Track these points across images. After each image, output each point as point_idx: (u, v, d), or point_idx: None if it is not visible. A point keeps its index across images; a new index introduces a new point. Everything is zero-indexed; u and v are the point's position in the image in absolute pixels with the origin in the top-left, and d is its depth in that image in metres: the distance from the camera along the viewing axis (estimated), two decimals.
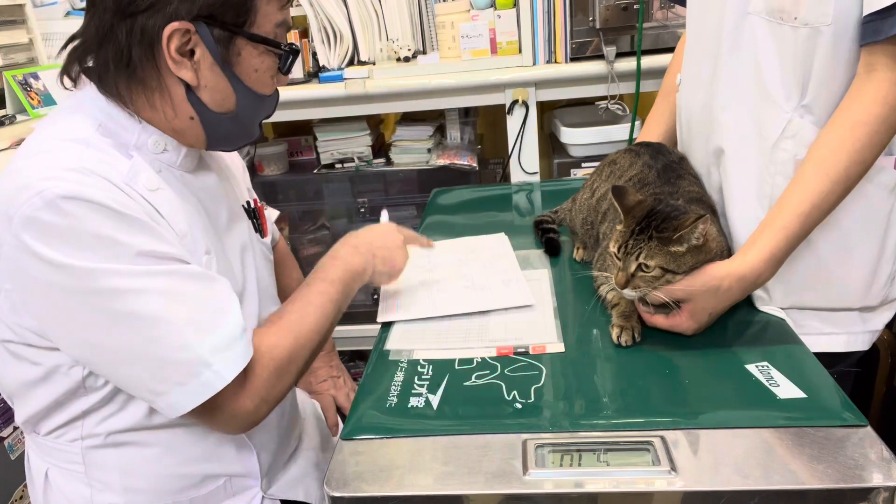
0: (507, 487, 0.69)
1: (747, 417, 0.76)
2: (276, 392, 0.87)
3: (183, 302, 0.78)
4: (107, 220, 0.75)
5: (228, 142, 0.95)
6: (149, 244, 0.78)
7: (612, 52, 1.88)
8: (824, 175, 0.88)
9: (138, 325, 0.76)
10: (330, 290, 0.95)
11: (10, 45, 2.07)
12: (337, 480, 0.72)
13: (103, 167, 0.79)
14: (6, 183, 0.77)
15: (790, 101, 0.94)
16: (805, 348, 0.89)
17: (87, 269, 0.74)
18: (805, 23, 0.89)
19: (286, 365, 0.87)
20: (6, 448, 1.50)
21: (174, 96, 0.85)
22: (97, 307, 0.76)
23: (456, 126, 2.27)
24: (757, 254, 0.90)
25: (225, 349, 0.79)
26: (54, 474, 0.93)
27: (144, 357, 0.78)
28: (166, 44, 0.80)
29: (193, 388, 0.78)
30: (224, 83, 0.86)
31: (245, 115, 0.90)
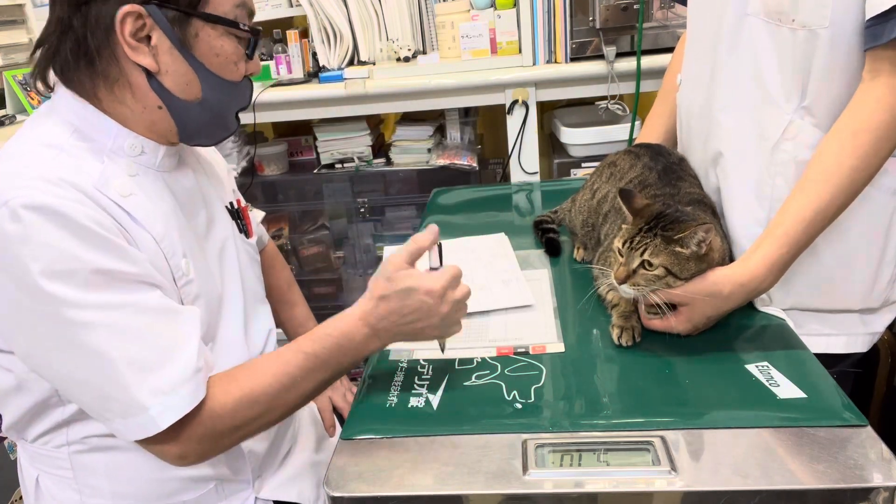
0: (507, 487, 0.69)
1: (747, 417, 0.76)
2: (217, 449, 0.83)
3: (130, 339, 0.76)
4: (67, 232, 0.73)
5: (204, 135, 0.93)
6: (108, 262, 0.75)
7: (612, 52, 1.88)
8: (827, 182, 0.87)
9: (83, 356, 0.75)
10: (318, 369, 0.84)
11: (10, 45, 2.08)
12: (336, 480, 0.72)
13: (74, 174, 0.78)
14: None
15: (790, 102, 0.94)
16: (805, 348, 0.89)
17: (40, 290, 0.72)
18: (803, 25, 0.89)
19: (228, 431, 0.82)
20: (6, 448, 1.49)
21: (138, 85, 0.84)
22: (47, 329, 0.75)
23: (456, 126, 2.27)
24: (759, 261, 0.89)
25: (167, 393, 0.76)
26: (45, 481, 0.93)
27: (89, 386, 0.77)
28: (120, 29, 0.79)
29: (131, 425, 0.77)
30: (185, 67, 0.84)
31: (214, 102, 0.88)
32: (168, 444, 0.79)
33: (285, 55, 2.21)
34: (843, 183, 0.87)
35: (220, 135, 0.95)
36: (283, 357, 0.84)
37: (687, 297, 0.88)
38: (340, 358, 0.84)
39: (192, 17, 0.82)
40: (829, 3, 0.87)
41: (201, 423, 0.79)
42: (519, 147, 2.03)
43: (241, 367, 0.85)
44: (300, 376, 0.83)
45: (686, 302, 0.89)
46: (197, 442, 0.80)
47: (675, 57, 1.32)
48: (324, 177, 2.28)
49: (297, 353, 0.83)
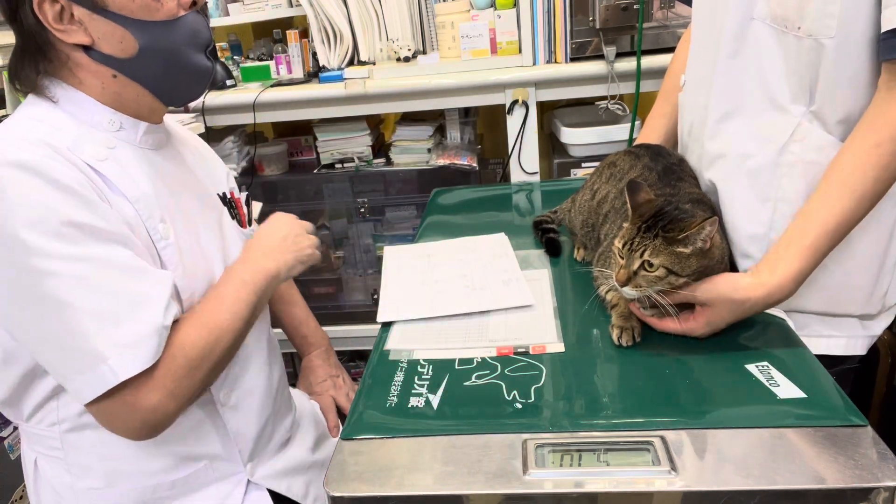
0: (507, 487, 0.69)
1: (747, 417, 0.76)
2: (184, 388, 0.85)
3: (95, 291, 0.78)
4: (40, 185, 0.76)
5: (176, 87, 0.93)
6: (79, 216, 0.78)
7: (612, 52, 1.88)
8: (852, 192, 0.87)
9: (47, 307, 0.76)
10: (243, 291, 0.94)
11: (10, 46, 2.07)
12: (337, 480, 0.72)
13: (48, 136, 0.82)
14: None
15: (798, 106, 0.94)
16: (805, 348, 0.89)
17: (10, 239, 0.75)
18: (809, 33, 0.89)
19: (198, 361, 0.86)
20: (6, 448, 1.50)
21: (84, 64, 0.86)
22: (15, 279, 0.76)
23: (456, 126, 2.27)
24: (786, 272, 0.88)
25: (129, 345, 0.78)
26: (42, 463, 0.94)
27: (50, 339, 0.78)
28: (45, 18, 0.82)
29: (90, 380, 0.77)
30: (110, 26, 0.85)
31: (158, 47, 0.88)
32: (133, 395, 0.80)
33: (285, 55, 2.21)
34: (867, 193, 0.87)
35: (194, 81, 0.94)
36: (216, 295, 0.93)
37: (710, 298, 0.87)
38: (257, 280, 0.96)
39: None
40: (836, 12, 0.86)
41: (172, 359, 0.83)
42: (519, 147, 2.03)
43: (190, 309, 0.90)
44: (239, 301, 0.93)
45: (707, 303, 0.88)
46: (171, 380, 0.82)
47: (676, 57, 1.32)
48: (324, 177, 2.28)
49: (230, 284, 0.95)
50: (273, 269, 1.00)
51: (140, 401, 0.80)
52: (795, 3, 0.89)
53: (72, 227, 0.77)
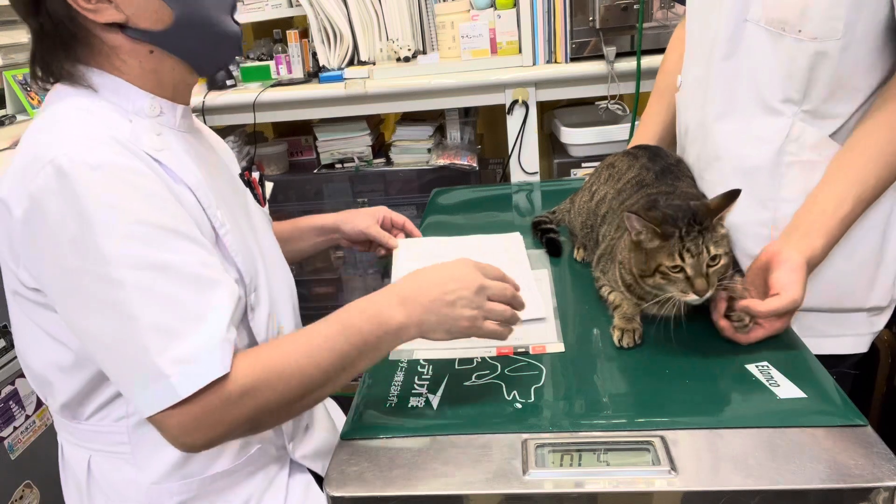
0: (507, 487, 0.69)
1: (747, 417, 0.76)
2: (213, 421, 0.75)
3: (159, 303, 0.74)
4: (116, 185, 0.75)
5: (212, 55, 0.91)
6: (153, 216, 0.76)
7: (612, 52, 1.88)
8: (882, 164, 0.89)
9: (112, 318, 0.74)
10: (341, 337, 0.79)
11: (9, 45, 2.08)
12: (337, 480, 0.72)
13: (109, 130, 0.79)
14: (18, 160, 0.78)
15: (789, 106, 0.94)
16: (805, 348, 0.89)
17: (85, 243, 0.73)
18: (812, 37, 0.89)
19: (237, 397, 0.75)
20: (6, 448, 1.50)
21: (120, 45, 0.83)
22: (86, 287, 0.74)
23: (456, 126, 2.27)
24: (826, 240, 0.89)
25: (189, 361, 0.73)
26: (100, 461, 0.90)
27: (113, 350, 0.75)
28: (74, 1, 0.79)
29: (150, 397, 0.73)
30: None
31: (192, 13, 0.85)
32: (180, 420, 0.74)
33: (285, 55, 2.21)
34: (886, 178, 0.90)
35: (227, 46, 0.92)
36: (306, 332, 0.80)
37: (784, 284, 0.85)
38: (365, 329, 0.79)
39: None
40: (843, 15, 0.86)
41: (218, 401, 0.74)
42: (519, 147, 2.03)
43: (264, 344, 0.83)
44: (327, 348, 0.78)
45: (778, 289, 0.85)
46: (208, 425, 0.75)
47: (669, 55, 1.32)
48: (324, 177, 2.28)
49: (329, 324, 0.80)
50: (400, 322, 0.80)
51: (183, 427, 0.74)
52: (797, 7, 0.89)
53: (145, 227, 0.75)
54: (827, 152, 0.94)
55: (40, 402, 1.59)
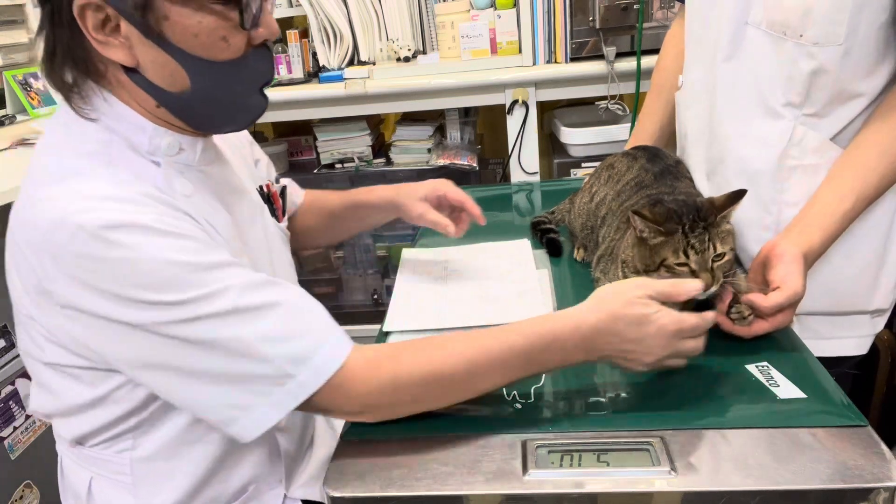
0: (506, 488, 0.69)
1: (747, 417, 0.76)
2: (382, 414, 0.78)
3: (255, 318, 0.72)
4: (160, 241, 0.70)
5: (223, 125, 0.84)
6: (206, 256, 0.72)
7: (612, 52, 1.88)
8: (887, 161, 0.89)
9: (213, 349, 0.71)
10: (515, 365, 0.77)
11: (10, 45, 2.08)
12: (336, 480, 0.72)
13: (137, 183, 0.73)
14: (37, 215, 0.71)
15: (791, 110, 0.94)
16: (805, 348, 0.89)
17: (149, 304, 0.69)
18: (814, 42, 0.89)
19: (407, 400, 0.77)
20: (6, 448, 1.50)
21: (126, 83, 0.75)
22: (168, 337, 0.70)
23: (456, 126, 2.28)
24: (826, 233, 0.89)
25: (311, 356, 0.73)
26: (100, 483, 0.88)
27: (227, 377, 0.72)
28: (83, 23, 0.69)
29: (277, 399, 0.73)
30: (162, 57, 0.72)
31: (212, 89, 0.76)
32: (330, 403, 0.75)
33: (285, 55, 2.21)
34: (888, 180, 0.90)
35: (245, 119, 0.84)
36: (480, 342, 0.76)
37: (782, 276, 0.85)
38: (541, 358, 0.77)
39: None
40: (845, 20, 0.86)
41: (375, 386, 0.75)
42: (519, 147, 2.03)
43: (434, 340, 0.79)
44: (495, 366, 0.76)
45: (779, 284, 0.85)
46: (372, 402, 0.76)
47: (664, 52, 1.32)
48: (324, 177, 2.28)
49: (500, 342, 0.76)
50: (578, 362, 0.78)
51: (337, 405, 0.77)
52: (799, 11, 0.88)
53: (200, 271, 0.71)
54: (829, 156, 0.94)
55: None
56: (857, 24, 0.86)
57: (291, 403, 0.74)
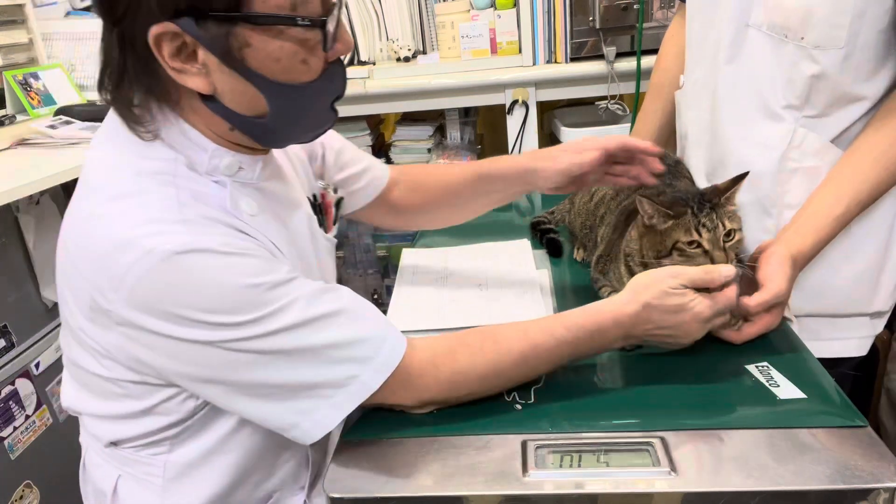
0: (506, 488, 0.69)
1: (747, 418, 0.76)
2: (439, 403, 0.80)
3: (321, 327, 0.73)
4: (226, 264, 0.69)
5: (294, 139, 0.84)
6: (271, 275, 0.71)
7: (612, 52, 1.88)
8: (884, 169, 0.89)
9: (282, 361, 0.72)
10: (564, 356, 0.82)
11: (10, 45, 2.08)
12: (336, 481, 0.72)
13: (198, 205, 0.72)
14: (97, 232, 0.70)
15: (791, 112, 0.94)
16: (805, 348, 0.89)
17: (220, 323, 0.69)
18: (815, 45, 0.89)
19: (461, 394, 0.80)
20: (6, 448, 1.50)
21: (198, 109, 0.74)
22: (235, 352, 0.70)
23: (456, 126, 2.27)
24: (818, 235, 0.90)
25: (374, 356, 0.74)
26: (128, 483, 0.86)
27: (287, 389, 0.73)
28: (158, 52, 0.67)
29: (339, 401, 0.74)
30: (241, 84, 0.71)
31: (290, 110, 0.75)
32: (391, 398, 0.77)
33: None
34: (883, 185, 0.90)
35: (313, 134, 0.83)
36: (530, 336, 0.80)
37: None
38: (584, 349, 0.82)
39: (235, 25, 0.67)
40: (846, 24, 0.86)
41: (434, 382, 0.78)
42: (519, 147, 2.03)
43: (486, 335, 0.81)
44: (543, 358, 0.81)
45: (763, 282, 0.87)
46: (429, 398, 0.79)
47: (663, 52, 1.32)
48: None
49: (548, 336, 0.80)
50: (617, 347, 0.86)
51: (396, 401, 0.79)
52: (799, 14, 0.88)
53: (272, 287, 0.71)
54: (829, 159, 0.94)
55: (40, 402, 1.59)
56: (858, 29, 0.86)
57: (353, 403, 0.75)
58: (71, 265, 0.74)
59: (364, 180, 1.10)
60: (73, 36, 2.26)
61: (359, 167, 1.09)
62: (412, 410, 0.80)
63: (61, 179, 1.48)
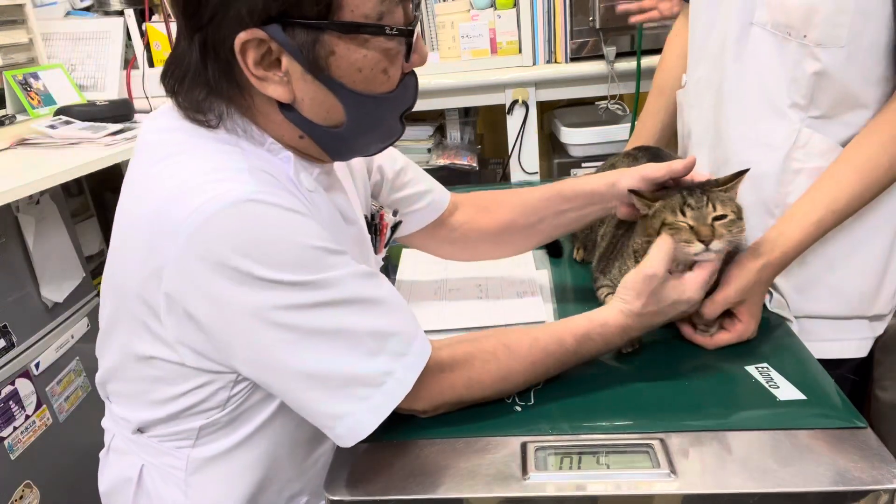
0: (506, 490, 0.69)
1: (747, 419, 0.76)
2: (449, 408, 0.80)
3: (365, 310, 0.71)
4: (289, 219, 0.68)
5: (361, 152, 0.84)
6: (328, 242, 0.70)
7: (612, 52, 1.88)
8: (861, 178, 0.89)
9: (326, 341, 0.70)
10: (570, 359, 0.83)
11: (10, 45, 2.07)
12: (336, 484, 0.72)
13: (266, 171, 0.71)
14: (156, 185, 0.69)
15: (797, 113, 0.94)
16: (805, 350, 0.89)
17: (273, 281, 0.67)
18: (817, 43, 0.89)
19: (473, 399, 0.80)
20: (6, 448, 1.50)
21: (270, 117, 0.74)
22: (285, 322, 0.69)
23: (456, 126, 2.27)
24: (788, 242, 0.90)
25: (404, 354, 0.73)
26: (150, 473, 0.86)
27: (332, 376, 0.71)
28: (242, 59, 0.67)
29: (377, 402, 0.72)
30: (322, 93, 0.71)
31: (365, 121, 0.75)
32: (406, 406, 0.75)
33: None
34: (878, 179, 0.90)
35: (379, 147, 0.85)
36: (541, 343, 0.81)
37: (739, 290, 0.88)
38: (588, 356, 0.84)
39: (323, 33, 0.67)
40: (846, 23, 0.86)
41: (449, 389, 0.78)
42: (519, 147, 2.03)
43: (499, 341, 0.81)
44: (550, 365, 0.82)
45: (741, 298, 0.88)
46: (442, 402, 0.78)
47: (666, 52, 1.32)
48: None
49: (558, 345, 0.81)
50: (618, 343, 0.86)
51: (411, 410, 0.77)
52: (802, 12, 0.88)
53: (332, 253, 0.70)
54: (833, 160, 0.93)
55: (40, 402, 1.59)
56: (861, 29, 0.86)
57: (391, 405, 0.73)
58: (127, 227, 0.73)
59: (423, 202, 1.07)
60: (73, 36, 2.26)
61: (419, 188, 1.07)
62: (422, 415, 0.79)
63: (61, 179, 1.48)
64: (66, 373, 1.68)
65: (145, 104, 2.15)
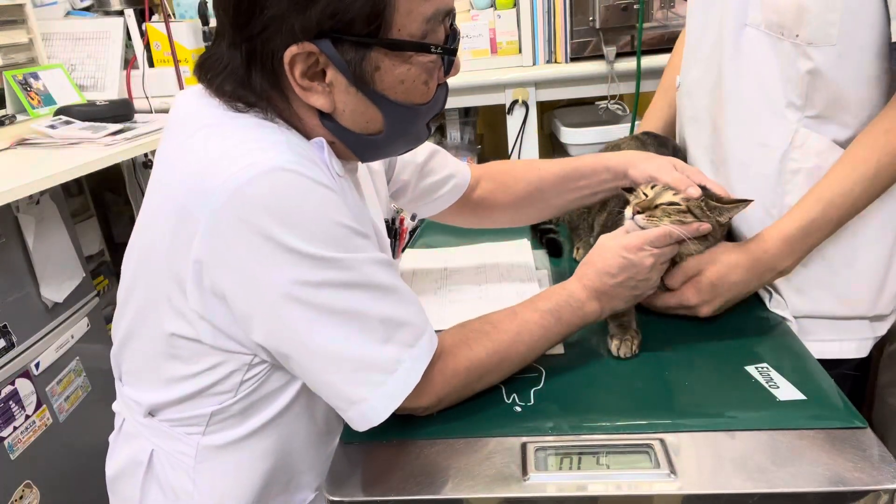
0: (506, 491, 0.69)
1: (747, 419, 0.76)
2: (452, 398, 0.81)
3: (381, 297, 0.73)
4: (323, 194, 0.69)
5: (388, 153, 0.87)
6: (357, 223, 0.72)
7: (612, 52, 1.88)
8: (852, 170, 0.90)
9: (341, 322, 0.71)
10: (552, 328, 0.85)
11: (10, 45, 2.07)
12: (336, 484, 0.72)
13: (302, 143, 0.73)
14: (190, 154, 0.71)
15: (794, 112, 0.94)
16: (805, 350, 0.89)
17: (302, 253, 0.68)
18: (808, 42, 0.89)
19: (475, 382, 0.81)
20: (6, 448, 1.50)
21: (306, 120, 0.76)
22: (306, 298, 0.69)
23: (456, 126, 2.27)
24: (773, 234, 0.92)
25: (412, 345, 0.74)
26: (163, 460, 0.86)
27: (344, 358, 0.72)
28: (290, 70, 0.70)
29: (390, 390, 0.73)
30: (364, 105, 0.74)
31: (400, 128, 0.78)
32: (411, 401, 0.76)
33: None
34: (868, 174, 0.89)
35: (408, 149, 0.88)
36: (517, 313, 0.84)
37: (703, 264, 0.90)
38: (569, 315, 0.85)
39: (371, 50, 0.70)
40: (837, 21, 0.86)
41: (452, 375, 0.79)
42: (519, 147, 2.03)
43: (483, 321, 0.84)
44: (535, 333, 0.84)
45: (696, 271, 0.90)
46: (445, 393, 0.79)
47: (675, 52, 1.32)
48: None
49: (532, 309, 0.84)
50: (596, 313, 0.87)
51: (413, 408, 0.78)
52: (793, 12, 0.89)
53: (359, 234, 0.72)
54: (833, 159, 0.93)
55: (40, 402, 1.59)
56: (851, 29, 0.86)
57: (404, 391, 0.74)
58: (160, 197, 0.74)
59: (449, 185, 1.11)
60: (73, 36, 2.26)
61: (444, 173, 1.11)
62: (424, 412, 0.80)
63: (61, 179, 1.48)
64: (66, 373, 1.68)
65: (145, 104, 2.15)
